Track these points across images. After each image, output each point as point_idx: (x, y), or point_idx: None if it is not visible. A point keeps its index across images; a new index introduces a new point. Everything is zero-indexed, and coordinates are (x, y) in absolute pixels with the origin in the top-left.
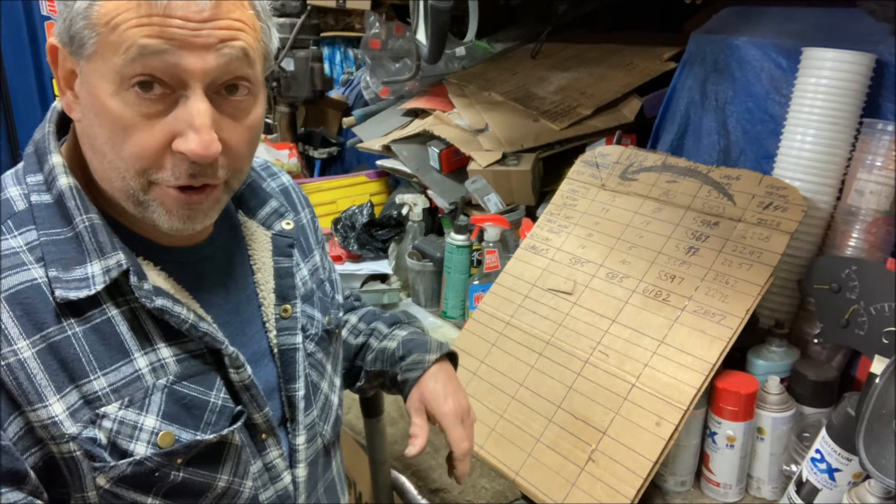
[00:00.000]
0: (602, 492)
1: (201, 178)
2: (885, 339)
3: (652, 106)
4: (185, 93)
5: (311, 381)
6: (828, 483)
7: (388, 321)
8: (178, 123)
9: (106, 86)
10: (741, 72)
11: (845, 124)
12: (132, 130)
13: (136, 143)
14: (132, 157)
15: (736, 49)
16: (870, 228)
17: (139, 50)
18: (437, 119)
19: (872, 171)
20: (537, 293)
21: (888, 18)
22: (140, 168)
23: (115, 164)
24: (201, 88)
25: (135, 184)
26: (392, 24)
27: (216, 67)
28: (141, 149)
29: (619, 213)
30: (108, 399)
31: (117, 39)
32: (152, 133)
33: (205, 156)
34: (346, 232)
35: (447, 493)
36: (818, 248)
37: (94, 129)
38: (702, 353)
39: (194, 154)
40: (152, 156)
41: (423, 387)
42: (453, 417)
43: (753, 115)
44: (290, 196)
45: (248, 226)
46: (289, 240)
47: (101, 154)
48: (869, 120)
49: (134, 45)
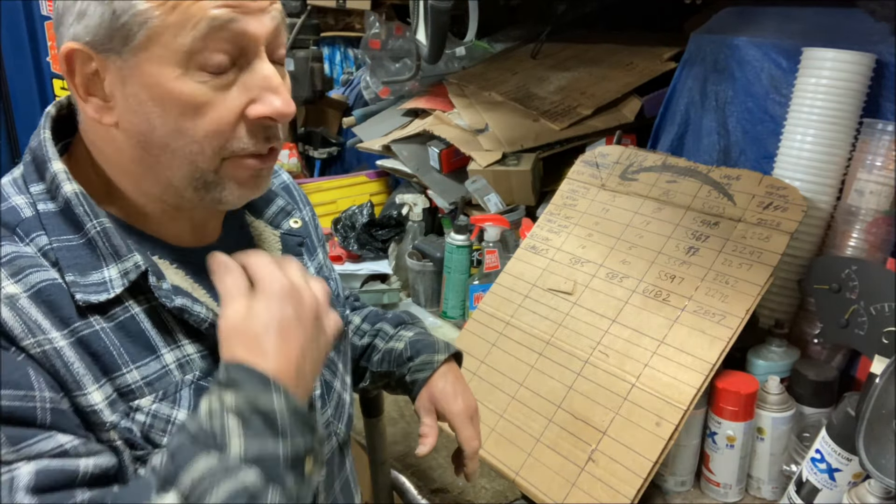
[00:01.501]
0: (602, 492)
1: (273, 140)
2: (885, 339)
3: (652, 106)
4: (248, 59)
5: (325, 379)
6: (828, 483)
7: (392, 322)
8: (251, 90)
9: (169, 70)
10: (741, 72)
11: (845, 124)
12: (207, 108)
13: (214, 119)
14: (211, 135)
15: (736, 49)
16: (870, 228)
17: (210, 22)
18: (437, 119)
19: (872, 171)
20: (537, 293)
21: (888, 18)
22: (218, 145)
23: (185, 151)
24: (264, 52)
25: (208, 165)
26: (392, 24)
27: (272, 30)
28: (219, 124)
29: (619, 213)
30: (141, 392)
31: (181, 17)
32: (227, 105)
33: (288, 114)
34: (346, 232)
35: (447, 493)
36: (818, 248)
37: (153, 122)
38: (702, 353)
39: (280, 114)
40: (230, 128)
41: (432, 387)
42: (463, 417)
43: (753, 115)
44: (292, 194)
45: (255, 226)
46: (298, 238)
47: (161, 148)
48: (869, 120)
49: (203, 18)
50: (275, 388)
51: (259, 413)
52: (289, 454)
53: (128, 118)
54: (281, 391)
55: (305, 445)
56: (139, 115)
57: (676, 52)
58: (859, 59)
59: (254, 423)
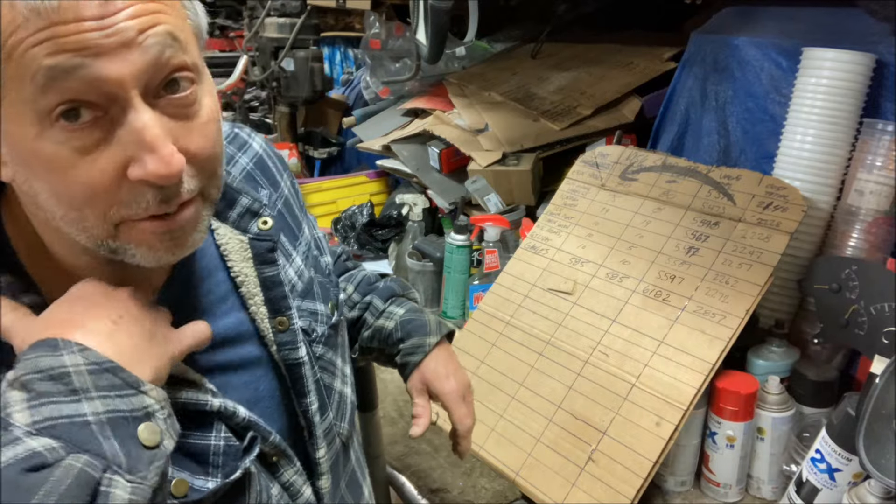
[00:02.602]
0: (602, 492)
1: (174, 200)
2: (885, 339)
3: (652, 106)
4: (121, 107)
5: (324, 384)
6: (828, 483)
7: (383, 295)
8: (126, 147)
9: (27, 129)
10: (741, 72)
11: (845, 124)
12: (74, 173)
13: (82, 184)
14: (85, 203)
15: (736, 49)
16: (870, 228)
17: (47, 73)
18: (437, 119)
19: (872, 171)
20: (537, 293)
21: (888, 18)
22: (99, 212)
23: (70, 218)
24: (138, 97)
25: (100, 231)
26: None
27: (146, 66)
28: (92, 191)
29: (619, 213)
30: None
31: (18, 70)
32: (98, 168)
33: (170, 175)
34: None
35: (447, 492)
36: (818, 248)
37: (32, 185)
38: (702, 353)
39: (157, 177)
40: (107, 193)
41: (424, 369)
42: (456, 396)
43: (753, 115)
44: (266, 168)
45: (220, 232)
46: (268, 243)
47: (50, 213)
48: (869, 120)
49: (39, 69)
50: (63, 345)
51: (44, 375)
52: (99, 415)
53: (18, 175)
54: (73, 347)
55: (130, 406)
56: (21, 175)
57: (676, 52)
58: (859, 59)
59: (39, 388)
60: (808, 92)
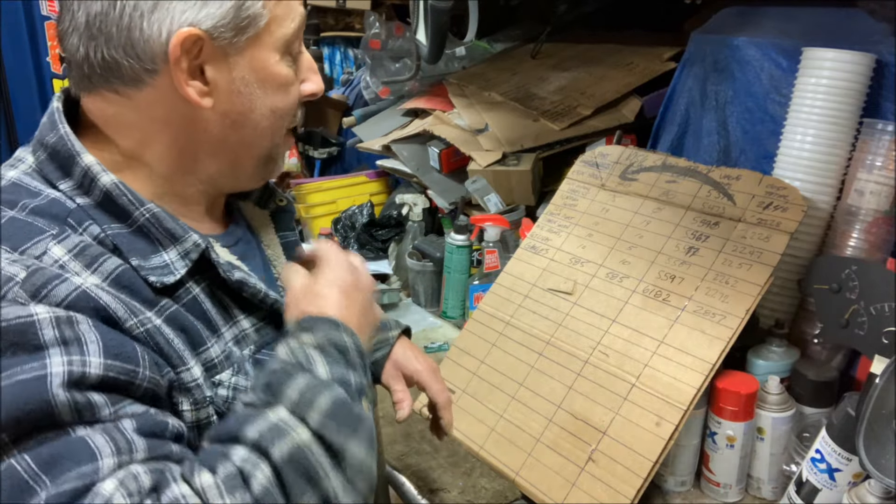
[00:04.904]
0: (602, 492)
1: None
2: (885, 339)
3: (652, 106)
4: (299, 49)
5: None
6: (828, 483)
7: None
8: (302, 71)
9: (271, 55)
10: (741, 72)
11: (845, 124)
12: (291, 87)
13: (293, 97)
14: (290, 110)
15: (736, 49)
16: (870, 228)
17: (301, 16)
18: (437, 119)
19: (872, 171)
20: (537, 293)
21: (888, 18)
22: (290, 120)
23: (273, 127)
24: None
25: (279, 138)
26: (392, 24)
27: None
28: (295, 101)
29: (619, 213)
30: (222, 366)
31: (284, 11)
32: (297, 87)
33: (322, 91)
34: (346, 232)
35: (447, 492)
36: (818, 248)
37: (254, 103)
38: (702, 353)
39: (322, 91)
40: (296, 105)
41: (393, 356)
42: (430, 372)
43: (753, 115)
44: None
45: (245, 207)
46: (289, 214)
47: (253, 126)
48: (869, 120)
49: (298, 12)
50: (343, 328)
51: (335, 346)
52: (359, 385)
53: (229, 100)
54: (349, 331)
55: (367, 384)
56: (243, 96)
57: (676, 52)
58: (859, 59)
59: (332, 353)
60: (808, 92)
